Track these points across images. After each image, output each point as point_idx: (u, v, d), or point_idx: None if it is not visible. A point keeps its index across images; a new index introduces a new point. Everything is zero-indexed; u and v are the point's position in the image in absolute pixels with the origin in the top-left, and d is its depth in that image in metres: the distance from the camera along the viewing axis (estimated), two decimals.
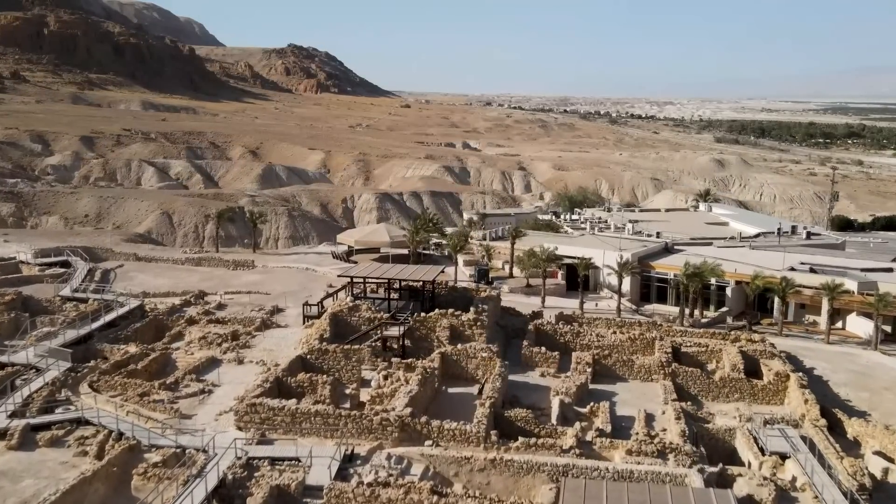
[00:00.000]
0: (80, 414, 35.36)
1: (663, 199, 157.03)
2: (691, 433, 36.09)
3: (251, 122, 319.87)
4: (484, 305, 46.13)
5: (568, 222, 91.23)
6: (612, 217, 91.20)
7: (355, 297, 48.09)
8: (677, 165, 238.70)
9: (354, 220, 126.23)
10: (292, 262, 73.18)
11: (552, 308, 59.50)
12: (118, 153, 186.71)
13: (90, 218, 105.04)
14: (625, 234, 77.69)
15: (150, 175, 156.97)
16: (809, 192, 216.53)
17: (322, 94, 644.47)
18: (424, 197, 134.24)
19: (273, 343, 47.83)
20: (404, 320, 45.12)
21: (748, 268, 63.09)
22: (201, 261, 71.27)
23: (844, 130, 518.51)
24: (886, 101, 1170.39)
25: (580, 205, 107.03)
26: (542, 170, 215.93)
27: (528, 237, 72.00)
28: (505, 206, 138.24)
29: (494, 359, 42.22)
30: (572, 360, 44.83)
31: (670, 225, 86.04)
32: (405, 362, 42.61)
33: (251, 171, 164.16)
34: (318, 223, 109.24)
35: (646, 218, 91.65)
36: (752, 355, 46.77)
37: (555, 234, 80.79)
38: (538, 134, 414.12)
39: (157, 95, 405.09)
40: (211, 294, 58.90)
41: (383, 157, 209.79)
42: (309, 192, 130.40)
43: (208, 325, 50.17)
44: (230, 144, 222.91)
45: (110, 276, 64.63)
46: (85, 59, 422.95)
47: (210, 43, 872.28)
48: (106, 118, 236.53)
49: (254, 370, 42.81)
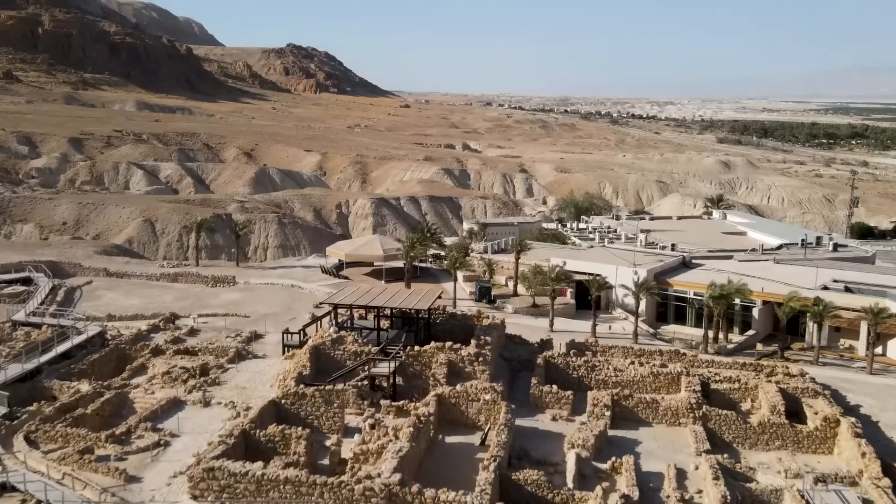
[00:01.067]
0: (5, 478, 29.66)
1: (670, 203, 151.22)
2: (734, 499, 30.38)
3: (247, 123, 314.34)
4: (487, 337, 40.37)
5: (575, 232, 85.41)
6: (622, 226, 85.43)
7: (340, 326, 42.34)
8: (682, 167, 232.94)
9: (349, 226, 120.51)
10: (277, 278, 67.39)
11: (562, 332, 53.84)
12: (108, 155, 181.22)
13: (68, 226, 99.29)
14: (637, 246, 71.96)
15: (138, 178, 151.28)
16: (818, 194, 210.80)
17: (321, 94, 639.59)
18: (423, 202, 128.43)
19: (247, 378, 42.10)
20: (395, 354, 39.42)
21: (775, 285, 57.45)
22: (178, 276, 65.50)
23: (847, 131, 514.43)
24: (887, 101, 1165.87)
25: (586, 211, 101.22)
26: (543, 172, 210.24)
27: (533, 250, 66.30)
28: (506, 212, 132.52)
29: (499, 402, 36.53)
30: (588, 400, 39.11)
31: (685, 235, 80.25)
32: (396, 405, 36.96)
33: (244, 174, 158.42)
34: (309, 231, 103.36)
35: (658, 227, 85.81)
36: (793, 394, 41.05)
37: (562, 246, 75.02)
38: (539, 134, 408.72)
39: (152, 95, 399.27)
40: (183, 317, 53.17)
41: (381, 159, 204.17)
42: (302, 197, 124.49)
43: (175, 357, 44.42)
44: (224, 146, 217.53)
45: (75, 296, 58.88)
46: (80, 59, 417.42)
47: (209, 43, 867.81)
48: (97, 119, 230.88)
49: (221, 414, 37.12)
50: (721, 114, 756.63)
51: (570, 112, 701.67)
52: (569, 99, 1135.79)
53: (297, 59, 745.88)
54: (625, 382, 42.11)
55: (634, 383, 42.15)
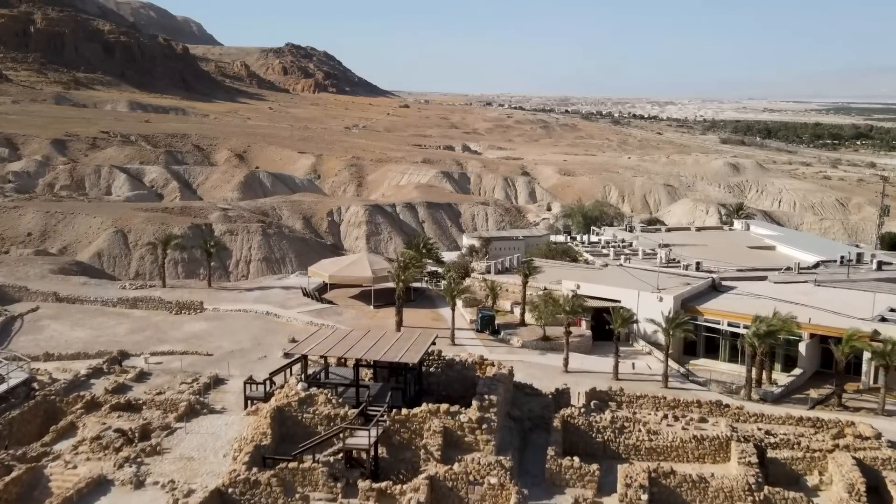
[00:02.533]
0: None
1: (681, 209, 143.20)
2: None
3: (242, 124, 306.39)
4: (492, 396, 32.44)
5: (585, 245, 77.49)
6: (638, 239, 77.51)
7: (310, 380, 34.42)
8: (690, 170, 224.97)
9: (341, 234, 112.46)
10: (252, 303, 59.41)
11: (578, 374, 46.10)
12: (91, 157, 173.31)
13: (33, 237, 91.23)
14: (657, 263, 63.91)
15: (121, 183, 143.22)
16: (831, 198, 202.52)
17: (320, 94, 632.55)
18: (420, 209, 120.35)
19: (197, 444, 34.22)
20: (378, 419, 31.55)
21: (824, 315, 49.64)
22: (139, 301, 57.56)
23: (852, 131, 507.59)
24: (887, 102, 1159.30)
25: (596, 221, 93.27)
26: (546, 175, 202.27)
27: (542, 271, 58.46)
28: (509, 219, 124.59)
29: (508, 485, 28.72)
30: (619, 478, 31.24)
31: (708, 250, 72.20)
32: (378, 487, 29.16)
33: (232, 178, 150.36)
34: (297, 242, 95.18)
35: (677, 241, 77.71)
36: (871, 465, 33.23)
37: (573, 265, 67.10)
38: (540, 135, 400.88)
39: (146, 95, 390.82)
40: (134, 355, 45.35)
41: (378, 161, 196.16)
42: (291, 204, 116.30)
43: (112, 415, 36.56)
44: (216, 147, 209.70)
45: (13, 327, 51.01)
46: (72, 58, 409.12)
47: (208, 42, 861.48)
48: (85, 119, 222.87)
49: (155, 502, 29.25)
50: (722, 114, 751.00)
51: (570, 112, 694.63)
52: (569, 99, 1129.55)
53: (296, 59, 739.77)
54: (661, 449, 34.30)
55: (673, 450, 34.34)
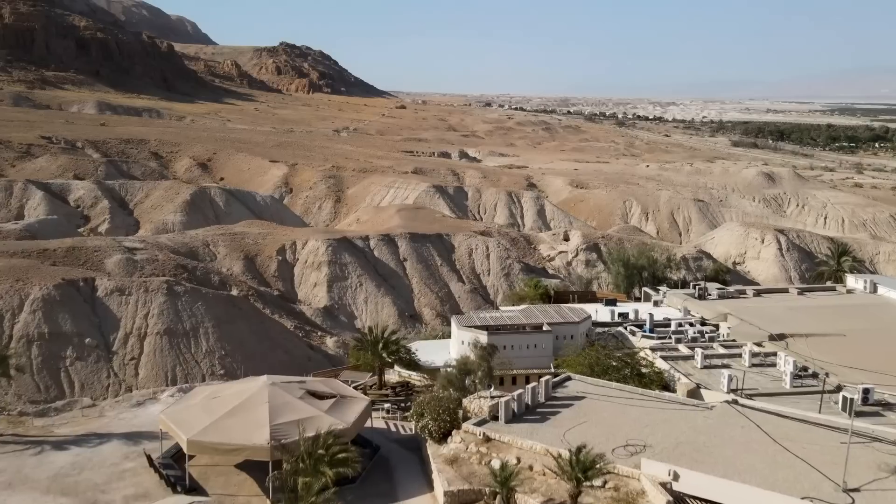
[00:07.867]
0: None
1: (729, 236, 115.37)
2: None
3: (218, 127, 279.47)
4: None
5: (646, 331, 49.25)
6: (727, 322, 49.65)
7: None
8: (718, 180, 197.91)
9: (294, 279, 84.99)
10: (34, 493, 31.29)
11: None
12: (19, 168, 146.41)
13: None
14: (783, 380, 36.51)
15: (36, 203, 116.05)
16: (884, 214, 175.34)
17: (313, 95, 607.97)
18: (401, 242, 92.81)
19: None
20: None
21: None
22: None
23: (867, 133, 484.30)
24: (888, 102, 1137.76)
25: (640, 273, 65.51)
26: (556, 188, 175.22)
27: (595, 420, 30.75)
28: (516, 253, 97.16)
29: None
30: None
31: (852, 346, 44.75)
32: None
33: (177, 195, 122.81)
34: (219, 304, 65.92)
35: (786, 321, 50.18)
36: None
37: (643, 398, 38.66)
38: (542, 137, 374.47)
39: (119, 95, 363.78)
40: None
41: (361, 171, 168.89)
42: (230, 239, 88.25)
43: None
44: (176, 155, 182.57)
45: None
46: (43, 56, 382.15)
47: (202, 41, 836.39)
48: (28, 123, 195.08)
49: None
50: (725, 114, 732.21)
51: (572, 113, 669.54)
52: (569, 99, 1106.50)
53: (291, 59, 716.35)
54: None
55: None
